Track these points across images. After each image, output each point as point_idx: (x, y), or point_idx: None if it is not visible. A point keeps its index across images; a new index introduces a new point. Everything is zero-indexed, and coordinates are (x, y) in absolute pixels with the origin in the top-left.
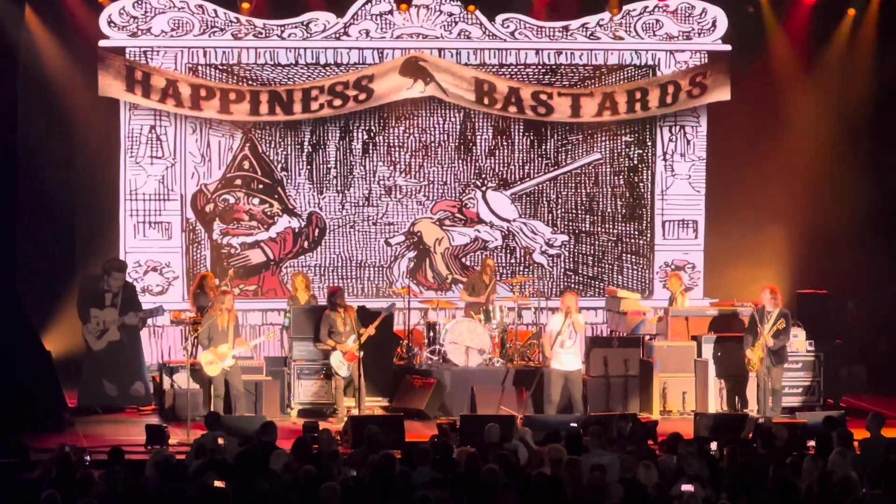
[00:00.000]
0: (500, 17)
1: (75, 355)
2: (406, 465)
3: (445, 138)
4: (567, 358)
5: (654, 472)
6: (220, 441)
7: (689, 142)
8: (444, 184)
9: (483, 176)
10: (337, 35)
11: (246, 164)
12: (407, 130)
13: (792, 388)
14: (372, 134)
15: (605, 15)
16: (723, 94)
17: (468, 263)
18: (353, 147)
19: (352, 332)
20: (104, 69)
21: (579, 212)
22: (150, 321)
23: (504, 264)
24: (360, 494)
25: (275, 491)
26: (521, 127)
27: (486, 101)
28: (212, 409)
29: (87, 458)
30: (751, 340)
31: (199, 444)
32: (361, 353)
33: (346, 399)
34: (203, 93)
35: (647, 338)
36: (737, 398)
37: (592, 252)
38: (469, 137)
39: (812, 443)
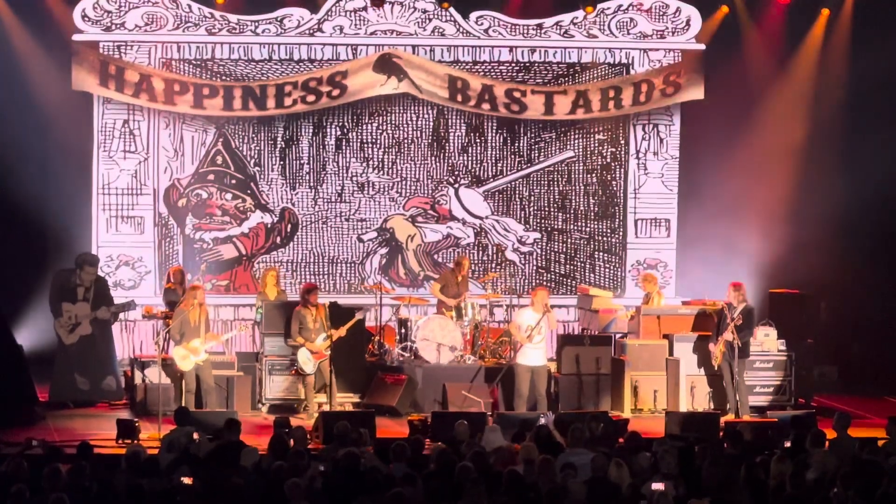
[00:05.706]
0: (474, 15)
1: (47, 349)
2: (381, 461)
3: (418, 135)
4: (534, 353)
5: (626, 471)
6: (195, 436)
7: (662, 140)
8: (416, 180)
9: (456, 173)
10: (311, 31)
11: (219, 160)
12: (380, 127)
13: (763, 388)
14: (345, 130)
15: (580, 13)
16: (696, 93)
17: (440, 260)
18: (326, 143)
19: (321, 329)
20: (78, 63)
21: (552, 209)
22: (121, 315)
23: (476, 261)
24: (327, 490)
25: (244, 486)
26: (495, 124)
27: (459, 98)
28: (182, 405)
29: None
30: (715, 335)
31: (169, 440)
32: (329, 352)
33: (318, 396)
34: (176, 87)
35: (619, 336)
36: (708, 397)
37: (565, 250)
38: (442, 134)
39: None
